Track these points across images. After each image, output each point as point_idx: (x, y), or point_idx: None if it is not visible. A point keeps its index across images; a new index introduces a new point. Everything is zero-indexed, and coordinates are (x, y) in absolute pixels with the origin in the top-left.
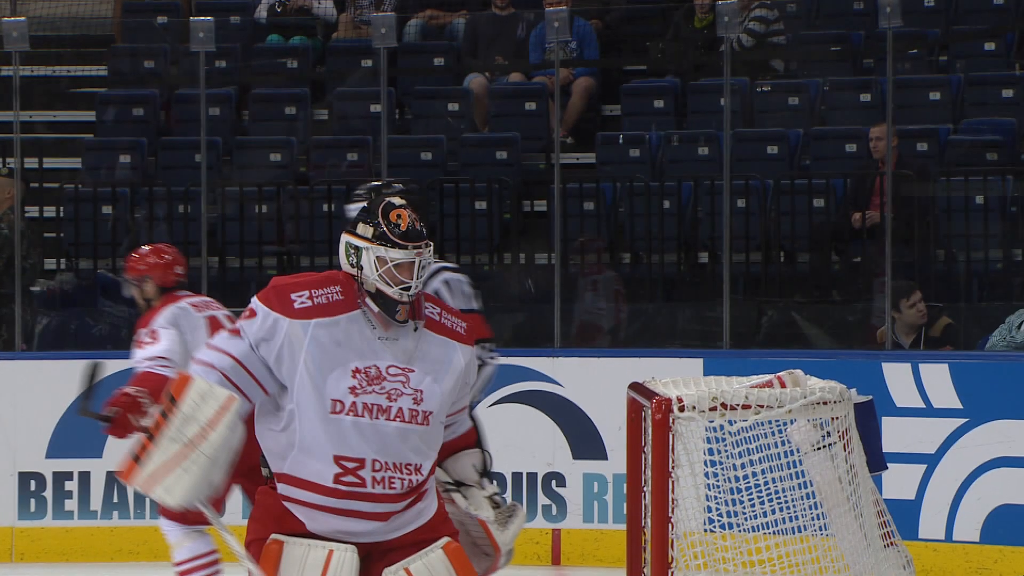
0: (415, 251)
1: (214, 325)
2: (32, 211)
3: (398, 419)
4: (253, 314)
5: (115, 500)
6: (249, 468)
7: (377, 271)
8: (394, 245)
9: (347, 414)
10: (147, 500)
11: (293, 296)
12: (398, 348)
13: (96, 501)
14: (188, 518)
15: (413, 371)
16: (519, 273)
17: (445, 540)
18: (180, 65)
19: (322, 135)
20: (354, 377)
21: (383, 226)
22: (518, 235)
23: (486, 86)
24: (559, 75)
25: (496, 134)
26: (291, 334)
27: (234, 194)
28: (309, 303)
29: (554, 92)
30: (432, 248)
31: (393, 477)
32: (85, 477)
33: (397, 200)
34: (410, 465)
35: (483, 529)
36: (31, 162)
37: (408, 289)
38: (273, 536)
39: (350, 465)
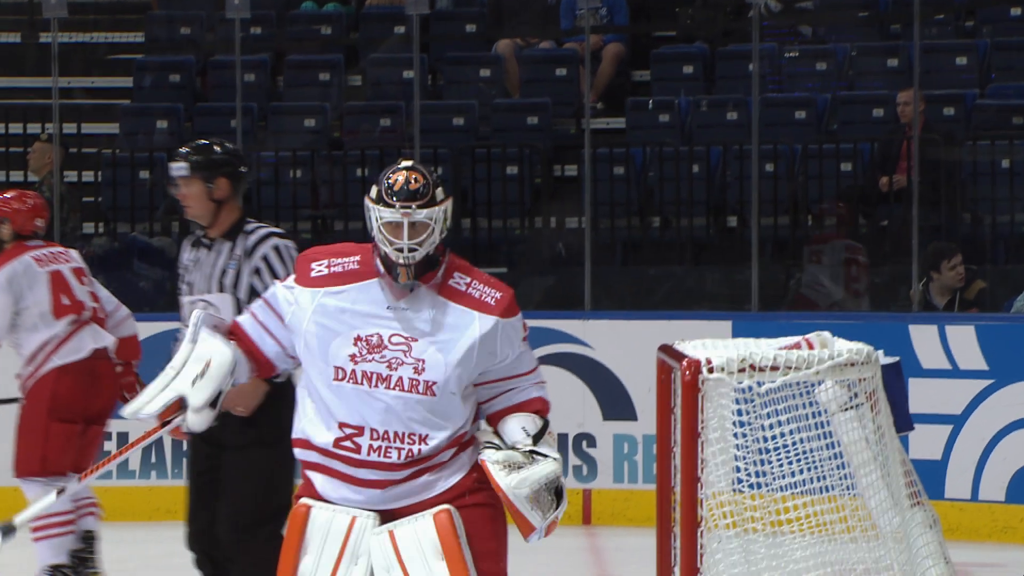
0: (402, 210)
1: (56, 281)
2: (71, 176)
3: (397, 388)
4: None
5: (153, 460)
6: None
7: (375, 231)
8: (385, 204)
9: (347, 382)
10: (185, 460)
11: (312, 265)
12: (407, 317)
13: (134, 461)
14: (48, 470)
15: (416, 340)
16: (550, 237)
17: (439, 508)
18: (216, 32)
19: (355, 101)
20: (355, 345)
21: (381, 186)
22: (549, 199)
23: (516, 52)
24: (589, 41)
25: (527, 100)
26: (301, 301)
27: (269, 159)
28: (325, 272)
29: (585, 58)
30: (436, 212)
31: (390, 447)
32: (123, 437)
33: (406, 162)
34: (413, 435)
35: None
36: (70, 128)
37: (402, 250)
38: (302, 500)
39: (349, 431)
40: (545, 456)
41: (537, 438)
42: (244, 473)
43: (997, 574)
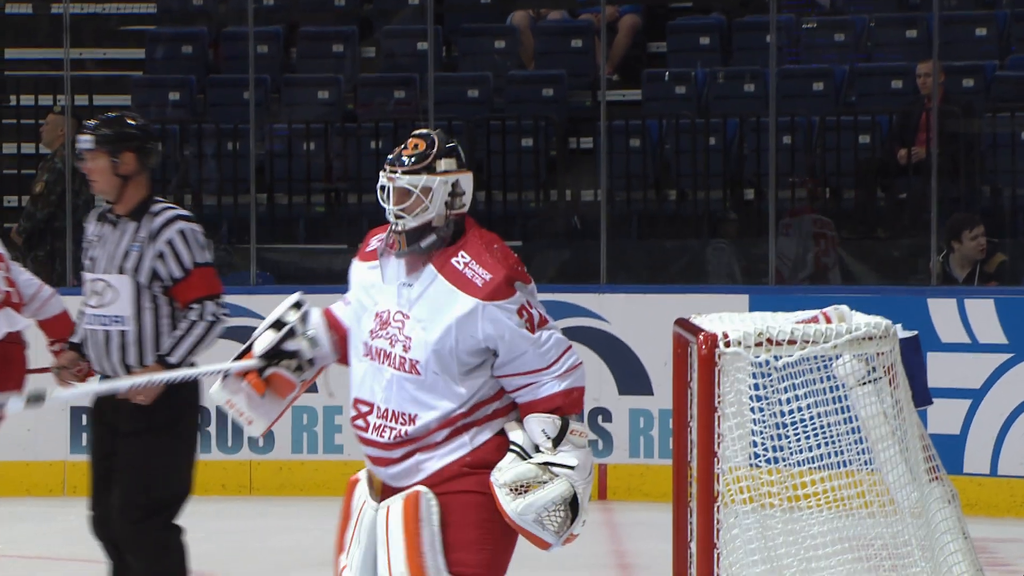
0: (388, 174)
1: None
2: None
3: (392, 366)
4: None
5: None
6: None
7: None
8: (384, 170)
9: (367, 357)
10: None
11: (370, 240)
12: (407, 294)
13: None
14: None
15: (408, 318)
16: (565, 209)
17: (411, 491)
18: (228, 2)
19: (369, 73)
20: (374, 320)
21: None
22: (564, 172)
23: (531, 23)
24: (605, 12)
25: (542, 72)
26: (352, 276)
27: (282, 131)
28: (372, 246)
29: (600, 29)
30: (421, 180)
31: (384, 426)
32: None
33: (424, 130)
34: (404, 415)
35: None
36: (81, 99)
37: (392, 217)
38: (357, 474)
39: (363, 408)
40: (561, 469)
41: (558, 441)
42: (136, 461)
43: (1017, 549)
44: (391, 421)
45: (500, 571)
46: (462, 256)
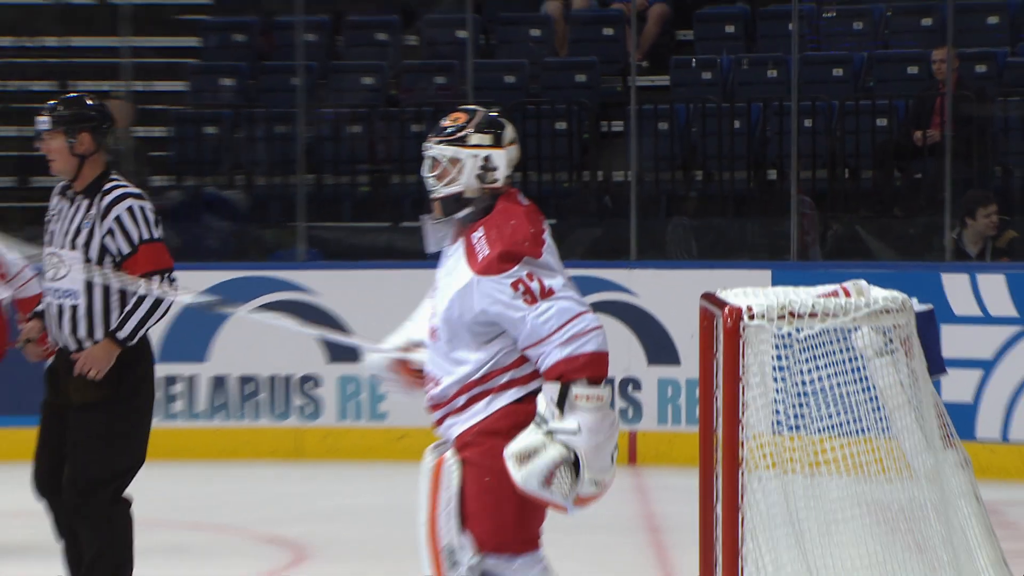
0: (426, 143)
1: None
2: (142, 131)
3: (430, 332)
4: None
5: (218, 403)
6: None
7: None
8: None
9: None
10: (247, 405)
11: None
12: (445, 263)
13: (201, 403)
14: None
15: (437, 288)
16: (597, 190)
17: (440, 455)
18: None
19: (411, 60)
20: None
21: None
22: (596, 154)
23: (565, 12)
24: (635, 2)
25: (575, 58)
26: None
27: (329, 116)
28: None
29: (631, 18)
30: (447, 150)
31: (427, 390)
32: (191, 381)
33: (471, 106)
34: (433, 379)
35: None
36: (140, 86)
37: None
38: None
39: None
40: (563, 434)
41: (561, 406)
42: (86, 433)
43: None
44: (428, 384)
45: (516, 536)
46: (480, 230)
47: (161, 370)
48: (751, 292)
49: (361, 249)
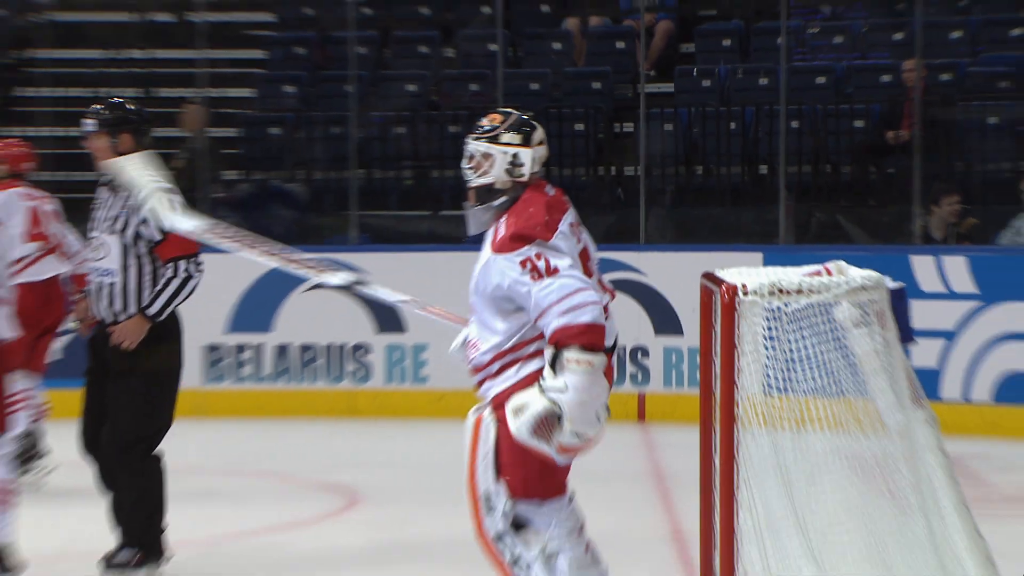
0: (466, 140)
1: (33, 214)
2: (215, 132)
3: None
4: None
5: (281, 368)
6: None
7: None
8: None
9: None
10: (307, 369)
11: None
12: (483, 245)
13: (267, 368)
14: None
15: (476, 264)
16: (610, 183)
17: (480, 413)
18: (334, 12)
19: (449, 69)
20: None
21: None
22: (610, 152)
23: (583, 28)
24: (644, 19)
25: (592, 68)
26: None
27: (378, 118)
28: None
29: (640, 33)
30: (480, 146)
31: (469, 356)
32: (258, 349)
33: (509, 109)
34: (473, 345)
35: None
36: (214, 92)
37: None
38: None
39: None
40: (552, 391)
41: (554, 368)
42: (122, 398)
43: (985, 463)
44: (470, 349)
45: (542, 484)
46: (507, 215)
47: (232, 339)
48: (745, 272)
49: (406, 234)
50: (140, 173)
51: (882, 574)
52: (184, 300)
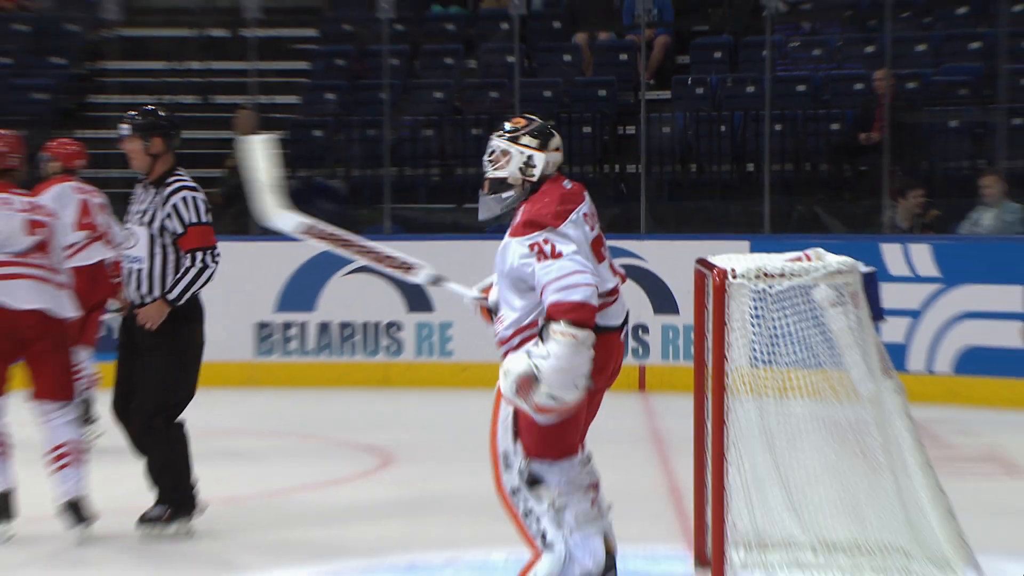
0: (491, 136)
1: (83, 205)
2: (265, 134)
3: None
4: None
5: (323, 343)
6: None
7: None
8: None
9: None
10: (345, 344)
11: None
12: None
13: (311, 343)
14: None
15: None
16: (614, 179)
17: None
18: (370, 28)
19: (472, 79)
20: None
21: None
22: (614, 151)
23: (590, 42)
24: (644, 34)
25: (598, 77)
26: None
27: (408, 122)
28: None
29: (641, 46)
30: (499, 144)
31: (495, 330)
32: (302, 326)
33: (532, 116)
34: (498, 319)
35: None
36: (264, 99)
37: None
38: None
39: None
40: (536, 357)
41: (543, 338)
42: (147, 372)
43: (946, 427)
44: (497, 324)
45: (554, 445)
46: (525, 204)
47: (280, 317)
48: (734, 258)
49: (433, 225)
50: (262, 163)
51: (855, 525)
52: (202, 287)
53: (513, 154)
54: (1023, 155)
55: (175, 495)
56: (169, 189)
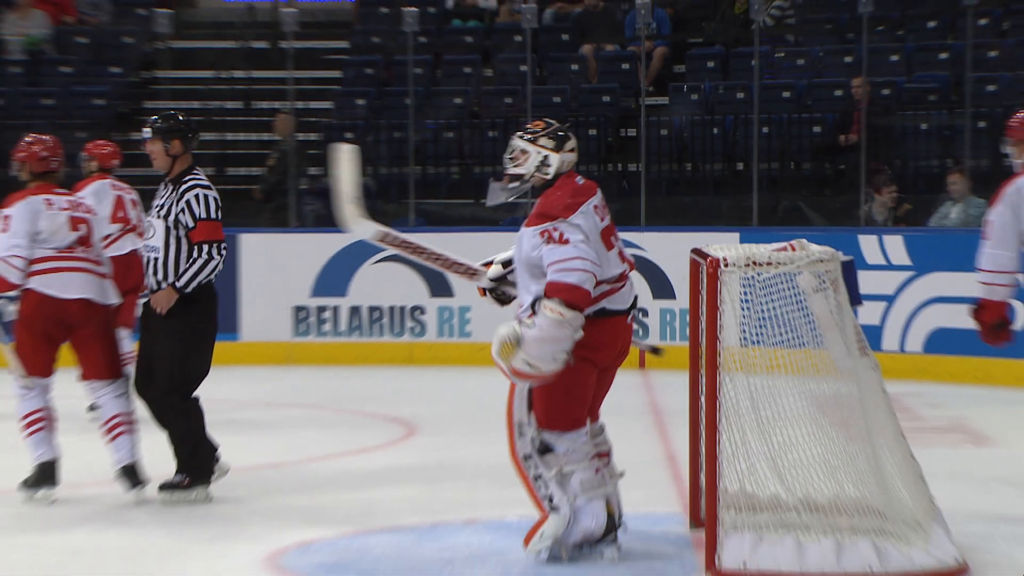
0: (513, 136)
1: (117, 200)
2: (301, 136)
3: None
4: None
5: (354, 325)
6: None
7: None
8: None
9: None
10: (374, 326)
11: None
12: None
13: (343, 325)
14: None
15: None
16: (616, 176)
17: None
18: (396, 40)
19: (488, 86)
20: None
21: None
22: (617, 151)
23: (595, 52)
24: (644, 46)
25: (603, 85)
26: None
27: (431, 125)
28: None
29: (641, 56)
30: (518, 143)
31: (516, 311)
32: (335, 309)
33: (551, 120)
34: (520, 303)
35: None
36: (300, 104)
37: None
38: None
39: None
40: (522, 327)
41: (535, 310)
42: (163, 353)
43: (917, 400)
44: (518, 307)
45: (563, 417)
46: (540, 197)
47: (315, 302)
48: (726, 248)
49: (453, 218)
50: (346, 173)
51: (835, 488)
52: (208, 276)
53: (531, 153)
54: (986, 155)
55: (193, 464)
56: (184, 186)
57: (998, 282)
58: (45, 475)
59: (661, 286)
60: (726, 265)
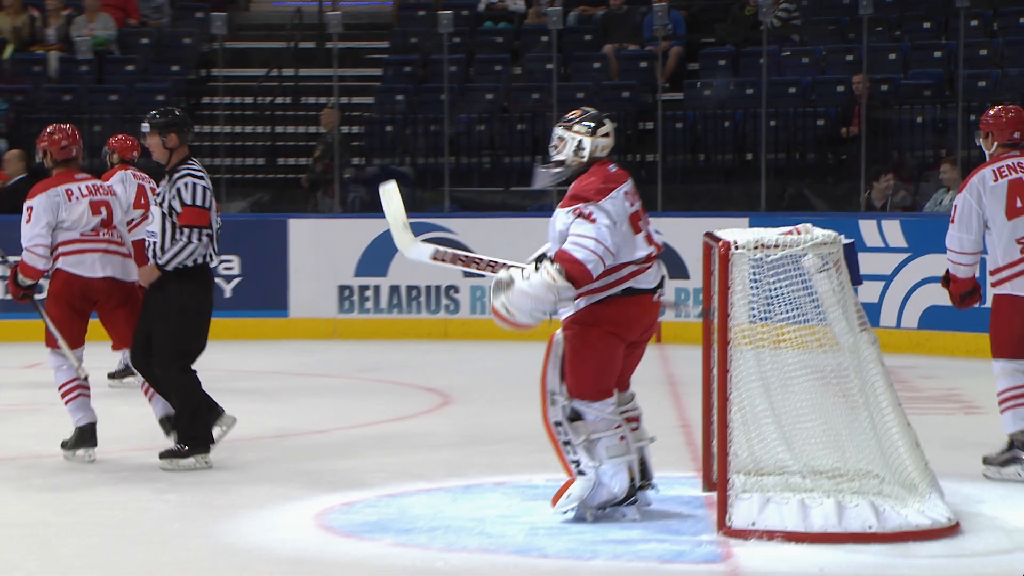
0: (556, 125)
1: (140, 188)
2: (345, 129)
3: None
4: None
5: (394, 303)
6: None
7: None
8: None
9: None
10: (412, 303)
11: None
12: None
13: (383, 302)
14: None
15: None
16: (635, 166)
17: (556, 330)
18: (432, 40)
19: (517, 83)
20: None
21: None
22: (635, 143)
23: (616, 52)
24: (661, 45)
25: (623, 82)
26: None
27: (464, 119)
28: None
29: (658, 55)
30: (557, 131)
31: None
32: (376, 288)
33: (589, 108)
34: None
35: None
36: (345, 100)
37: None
38: None
39: None
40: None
41: (537, 268)
42: (159, 329)
43: (913, 372)
44: None
45: (593, 387)
46: (575, 182)
47: (358, 281)
48: (736, 231)
49: (484, 204)
50: (393, 207)
51: (837, 454)
52: (188, 259)
53: (568, 140)
54: (976, 146)
55: (191, 433)
56: (177, 175)
57: (962, 262)
58: (84, 437)
59: (676, 267)
60: (736, 247)
